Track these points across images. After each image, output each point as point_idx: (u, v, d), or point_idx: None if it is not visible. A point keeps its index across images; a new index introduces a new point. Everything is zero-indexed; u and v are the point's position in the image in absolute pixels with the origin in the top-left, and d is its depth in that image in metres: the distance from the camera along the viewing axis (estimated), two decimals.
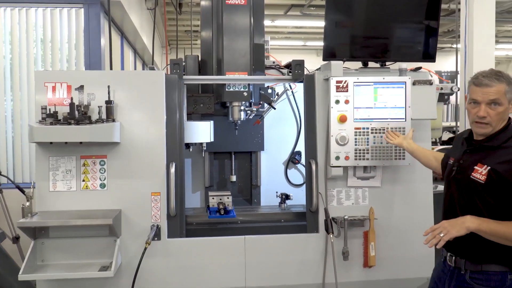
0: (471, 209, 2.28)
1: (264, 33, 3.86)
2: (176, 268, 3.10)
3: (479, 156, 2.33)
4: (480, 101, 2.27)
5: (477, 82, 2.29)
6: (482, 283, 2.27)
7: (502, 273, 2.25)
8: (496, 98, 2.24)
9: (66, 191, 3.03)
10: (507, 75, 2.29)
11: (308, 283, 3.21)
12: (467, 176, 2.32)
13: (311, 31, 13.36)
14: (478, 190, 2.27)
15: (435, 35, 3.51)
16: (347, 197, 3.25)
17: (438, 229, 2.22)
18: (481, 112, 2.26)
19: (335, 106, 3.11)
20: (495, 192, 2.23)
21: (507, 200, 2.22)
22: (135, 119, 3.08)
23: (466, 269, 2.32)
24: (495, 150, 2.29)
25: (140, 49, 9.03)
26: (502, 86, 2.24)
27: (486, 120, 2.27)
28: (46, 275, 2.88)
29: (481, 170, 2.27)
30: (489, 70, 2.33)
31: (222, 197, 3.45)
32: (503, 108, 2.26)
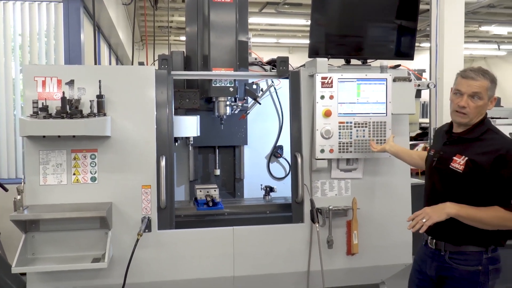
0: (451, 197, 2.45)
1: (248, 30, 3.96)
2: (166, 259, 3.17)
3: (458, 147, 2.50)
4: (464, 92, 2.45)
5: (464, 75, 2.47)
6: (460, 262, 2.46)
7: (479, 253, 2.44)
8: (478, 91, 2.42)
9: (56, 184, 3.05)
10: (492, 74, 2.48)
11: (294, 271, 3.34)
12: (447, 166, 2.49)
13: (284, 29, 13.52)
14: (457, 179, 2.44)
15: (411, 34, 3.67)
16: (330, 188, 3.39)
17: (421, 215, 2.38)
18: (462, 102, 2.44)
19: (320, 101, 3.23)
20: (473, 181, 2.41)
21: (483, 188, 2.40)
22: (126, 113, 3.13)
23: (446, 250, 2.50)
24: (473, 142, 2.47)
25: (114, 44, 8.97)
26: (486, 82, 2.42)
27: (465, 111, 2.44)
28: (40, 267, 2.90)
29: (460, 160, 2.44)
30: (477, 67, 2.52)
31: (209, 190, 3.54)
32: (482, 103, 2.43)
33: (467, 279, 2.45)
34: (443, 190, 2.53)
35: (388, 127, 3.28)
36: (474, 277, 2.44)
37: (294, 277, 3.36)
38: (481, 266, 2.44)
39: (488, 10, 11.31)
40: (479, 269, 2.44)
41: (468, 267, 2.45)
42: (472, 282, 2.44)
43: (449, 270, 2.50)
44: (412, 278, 2.78)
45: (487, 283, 2.45)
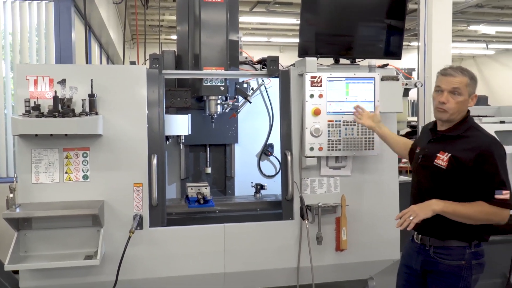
0: (436, 193, 2.52)
1: (238, 29, 4.00)
2: (158, 256, 3.21)
3: (441, 144, 2.58)
4: (444, 88, 2.53)
5: (444, 72, 2.56)
6: (444, 257, 2.54)
7: (462, 248, 2.52)
8: (458, 87, 2.50)
9: (49, 183, 3.07)
10: (471, 72, 2.56)
11: (284, 267, 3.39)
12: (431, 162, 2.57)
13: (275, 28, 13.57)
14: (441, 175, 2.52)
15: (399, 33, 3.73)
16: (320, 185, 3.44)
17: (408, 213, 2.45)
18: (442, 98, 2.52)
19: (309, 100, 3.29)
20: (456, 177, 2.48)
21: (467, 184, 2.47)
22: (117, 112, 3.16)
23: (431, 245, 2.58)
24: (456, 139, 2.55)
25: (105, 43, 8.97)
26: (465, 79, 2.51)
27: (445, 107, 2.52)
28: (33, 265, 2.93)
29: (443, 157, 2.52)
30: (457, 66, 2.61)
31: (200, 188, 3.58)
32: (462, 98, 2.51)
33: (450, 273, 2.52)
34: (428, 186, 2.59)
35: None
36: (457, 271, 2.51)
37: (284, 273, 3.41)
38: (464, 260, 2.51)
39: (476, 10, 11.43)
40: (462, 263, 2.51)
41: (451, 261, 2.52)
42: (455, 276, 2.51)
43: (433, 264, 2.57)
44: (400, 273, 2.85)
45: (470, 277, 2.52)
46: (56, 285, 3.10)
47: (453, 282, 2.52)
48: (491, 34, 14.52)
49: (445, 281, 2.53)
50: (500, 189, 2.41)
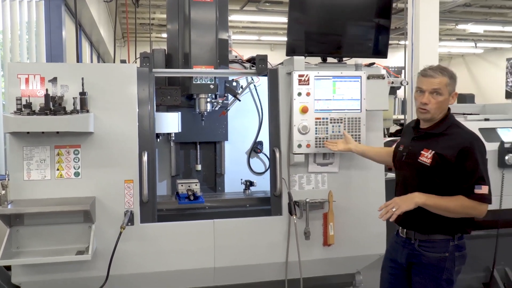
0: (420, 189, 2.60)
1: (228, 28, 4.06)
2: (149, 251, 3.26)
3: (425, 142, 2.67)
4: (425, 89, 2.62)
5: (424, 73, 2.64)
6: (428, 250, 2.62)
7: (446, 241, 2.61)
8: (438, 88, 2.59)
9: (40, 180, 3.12)
10: (450, 71, 2.64)
11: (273, 262, 3.46)
12: (415, 160, 2.65)
13: (266, 26, 13.62)
14: (425, 171, 2.60)
15: (386, 33, 3.81)
16: (308, 182, 3.51)
17: (391, 204, 2.53)
18: (424, 99, 2.61)
19: (297, 98, 3.35)
20: (440, 173, 2.57)
21: (449, 179, 2.56)
22: (108, 110, 3.20)
23: (416, 239, 2.66)
24: (438, 137, 2.64)
25: (96, 41, 8.98)
26: (445, 79, 2.59)
27: (427, 107, 2.61)
28: (25, 260, 2.97)
29: (427, 154, 2.61)
30: (436, 65, 2.67)
31: (190, 184, 3.64)
32: (443, 98, 2.60)
33: (434, 265, 2.61)
34: (412, 182, 2.67)
35: (362, 122, 3.42)
36: (441, 263, 2.60)
37: (273, 267, 3.48)
38: (447, 253, 2.60)
39: (464, 9, 11.57)
40: (446, 255, 2.60)
41: (435, 254, 2.61)
42: (439, 267, 2.60)
43: (417, 256, 2.66)
44: (385, 266, 2.93)
45: (453, 269, 2.61)
46: (48, 280, 3.14)
47: (436, 274, 2.61)
48: (479, 33, 14.68)
49: (429, 273, 2.62)
50: (479, 184, 2.50)
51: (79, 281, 3.19)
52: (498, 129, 4.26)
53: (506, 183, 4.00)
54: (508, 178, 4.01)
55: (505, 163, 3.99)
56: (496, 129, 4.26)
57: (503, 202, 3.99)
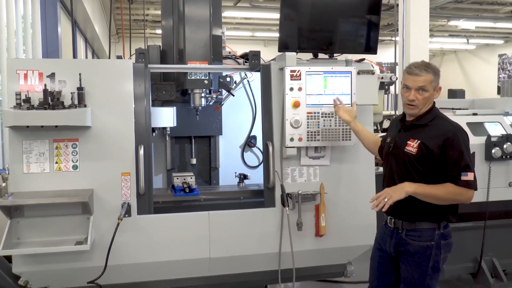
0: (407, 178, 2.72)
1: (222, 24, 4.14)
2: (145, 242, 3.35)
3: (410, 133, 2.80)
4: (411, 87, 2.74)
5: (409, 71, 2.76)
6: (415, 238, 2.74)
7: (432, 230, 2.73)
8: (423, 85, 2.72)
9: (39, 172, 3.19)
10: (434, 67, 2.76)
11: (266, 253, 3.56)
12: (402, 150, 2.77)
13: (259, 22, 13.69)
14: (411, 161, 2.73)
15: (376, 29, 3.90)
16: (300, 174, 3.61)
17: (382, 195, 2.64)
18: (411, 96, 2.74)
19: (289, 93, 3.45)
20: (425, 162, 2.70)
21: (434, 168, 2.68)
22: (105, 105, 3.28)
23: (403, 228, 2.78)
24: (423, 128, 2.77)
25: (90, 37, 9.03)
26: (429, 76, 2.72)
27: (415, 103, 2.75)
28: (26, 250, 3.05)
29: (413, 144, 2.74)
30: (420, 61, 2.79)
31: (185, 177, 3.73)
32: (429, 94, 2.74)
33: (421, 253, 2.72)
34: (399, 172, 2.79)
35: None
36: (427, 251, 2.71)
37: (266, 258, 3.58)
38: (433, 241, 2.72)
39: (455, 5, 11.70)
40: (432, 244, 2.71)
41: (421, 242, 2.73)
42: (425, 256, 2.71)
43: (405, 245, 2.77)
44: (373, 256, 3.04)
45: (439, 257, 2.73)
46: (47, 270, 3.22)
47: (422, 261, 2.73)
48: (471, 29, 14.83)
49: (415, 261, 2.74)
50: (465, 171, 2.63)
51: (77, 271, 3.27)
52: (485, 123, 4.39)
53: (493, 175, 4.12)
54: (495, 171, 4.14)
55: (491, 156, 4.11)
56: (484, 123, 4.39)
57: (490, 195, 4.12)
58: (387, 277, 2.95)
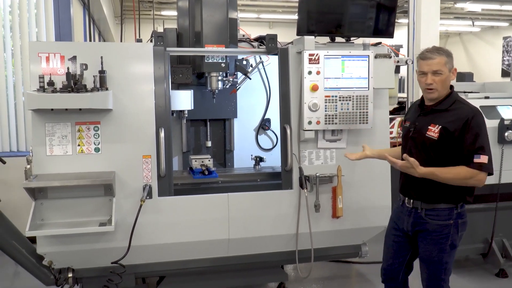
0: (426, 162, 2.76)
1: (237, 7, 4.14)
2: (166, 223, 3.41)
3: (430, 118, 2.84)
4: (426, 71, 2.79)
5: (422, 57, 2.82)
6: (434, 218, 2.82)
7: (449, 209, 2.80)
8: (438, 69, 2.76)
9: (62, 155, 3.24)
10: (445, 50, 2.83)
11: (283, 234, 3.63)
12: (422, 135, 2.82)
13: (265, 4, 13.60)
14: (432, 145, 2.77)
15: (391, 11, 3.87)
16: (317, 157, 3.66)
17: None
18: (428, 80, 2.79)
19: (308, 76, 3.47)
20: (446, 146, 2.75)
21: (454, 152, 2.74)
22: (125, 88, 3.31)
23: (422, 208, 2.85)
24: (443, 112, 2.81)
25: (97, 19, 9.00)
26: (443, 58, 2.77)
27: (433, 87, 2.79)
28: (52, 231, 3.11)
29: (434, 129, 2.77)
30: (432, 47, 2.86)
31: (203, 160, 3.78)
32: (445, 76, 2.78)
33: (439, 231, 2.80)
34: (418, 156, 2.82)
35: (370, 100, 3.55)
36: (445, 229, 2.79)
37: (283, 239, 3.65)
38: (451, 220, 2.80)
39: None
40: (450, 223, 2.79)
41: (440, 221, 2.80)
42: (444, 234, 2.80)
43: (423, 224, 2.85)
44: (388, 234, 3.12)
45: (456, 235, 2.82)
46: (70, 250, 3.30)
47: (441, 240, 2.81)
48: (477, 11, 14.72)
49: (435, 239, 2.81)
50: (479, 153, 2.67)
51: (99, 251, 3.34)
52: (498, 107, 4.42)
53: (505, 158, 4.17)
54: (507, 153, 4.18)
55: (504, 139, 4.15)
56: (496, 106, 4.41)
57: (502, 177, 4.17)
58: (402, 255, 3.04)
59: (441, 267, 2.83)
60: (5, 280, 4.43)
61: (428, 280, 2.88)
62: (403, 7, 11.44)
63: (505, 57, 18.37)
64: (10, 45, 5.20)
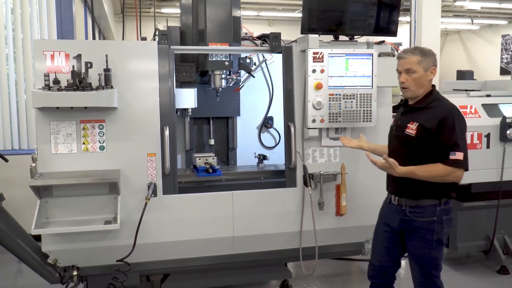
0: (408, 158, 2.84)
1: (240, 6, 4.14)
2: (171, 221, 3.42)
3: (411, 115, 2.93)
4: (400, 70, 2.89)
5: (398, 56, 2.94)
6: (418, 214, 2.87)
7: (433, 206, 2.85)
8: (409, 67, 2.84)
9: (67, 153, 3.24)
10: (423, 49, 2.89)
11: (286, 231, 3.64)
12: (403, 132, 2.90)
13: (264, 2, 13.59)
14: (412, 142, 2.85)
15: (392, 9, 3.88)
16: (320, 155, 3.67)
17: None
18: (401, 79, 2.90)
19: (312, 74, 3.48)
20: (424, 143, 2.81)
21: (433, 148, 2.79)
22: (130, 86, 3.32)
23: (406, 205, 2.90)
24: (422, 110, 2.88)
25: (97, 17, 8.96)
26: (415, 57, 2.84)
27: (405, 85, 2.88)
28: (58, 229, 3.12)
29: (412, 126, 2.86)
30: (413, 47, 2.95)
31: (207, 158, 3.79)
32: (418, 75, 2.85)
33: (425, 228, 2.85)
34: (401, 153, 2.91)
35: (373, 98, 3.56)
36: (431, 226, 2.84)
37: (287, 236, 3.66)
38: (436, 217, 2.84)
39: None
40: (434, 219, 2.84)
41: (425, 218, 2.85)
42: (429, 230, 2.84)
43: (409, 222, 2.90)
44: (379, 231, 3.16)
45: (441, 231, 2.86)
46: (75, 248, 3.30)
47: (427, 236, 2.85)
48: (477, 9, 14.73)
49: (421, 236, 2.86)
50: (454, 150, 2.72)
51: (104, 249, 3.35)
52: (500, 105, 4.43)
53: (507, 156, 4.19)
54: (509, 151, 4.21)
55: (506, 137, 4.18)
56: (498, 105, 4.43)
57: (504, 174, 4.19)
58: (394, 253, 3.08)
59: (431, 263, 2.88)
60: (7, 278, 4.43)
61: (421, 277, 2.93)
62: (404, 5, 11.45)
63: (503, 55, 18.40)
64: (12, 42, 5.19)
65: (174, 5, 12.81)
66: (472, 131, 4.11)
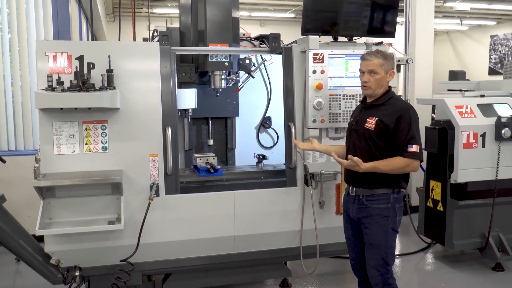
0: (367, 152, 3.00)
1: (239, 7, 4.17)
2: (173, 221, 3.44)
3: (370, 112, 3.09)
4: (364, 70, 3.04)
5: (362, 57, 3.09)
6: (374, 202, 3.04)
7: (387, 194, 3.02)
8: (373, 69, 3.01)
9: (70, 154, 3.25)
10: (385, 53, 3.08)
11: (287, 230, 3.68)
12: (363, 127, 3.04)
13: (256, 2, 13.60)
14: (370, 136, 3.01)
15: (392, 11, 3.93)
16: (320, 155, 3.71)
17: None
18: (364, 78, 3.06)
19: (312, 75, 3.53)
20: (382, 136, 2.98)
21: (390, 141, 2.96)
22: (132, 86, 3.33)
23: (363, 195, 3.05)
24: (380, 107, 3.05)
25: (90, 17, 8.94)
26: (379, 61, 3.02)
27: (367, 84, 3.04)
28: (62, 230, 3.12)
29: (371, 121, 3.02)
30: (374, 50, 3.11)
31: (208, 158, 3.81)
32: (380, 76, 3.02)
33: (381, 215, 3.01)
34: (360, 147, 3.05)
35: None
36: (384, 212, 3.01)
37: (287, 235, 3.70)
38: (389, 204, 3.02)
39: None
40: (388, 206, 3.01)
41: (380, 205, 3.02)
42: (384, 216, 3.02)
43: (365, 210, 3.04)
44: (345, 226, 3.28)
45: (395, 218, 3.04)
46: (78, 249, 3.31)
47: (383, 222, 3.02)
48: (466, 10, 14.89)
49: (378, 222, 3.02)
50: (411, 143, 2.93)
51: (107, 250, 3.36)
52: (494, 105, 4.50)
53: (502, 155, 4.26)
54: (504, 150, 4.28)
55: (501, 137, 4.25)
56: (493, 104, 4.50)
57: (499, 173, 4.27)
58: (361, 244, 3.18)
59: (387, 251, 3.03)
60: (6, 279, 4.42)
61: (377, 266, 3.04)
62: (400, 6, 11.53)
63: (492, 56, 18.62)
64: (8, 43, 5.17)
65: (165, 5, 12.79)
66: (468, 130, 4.18)
